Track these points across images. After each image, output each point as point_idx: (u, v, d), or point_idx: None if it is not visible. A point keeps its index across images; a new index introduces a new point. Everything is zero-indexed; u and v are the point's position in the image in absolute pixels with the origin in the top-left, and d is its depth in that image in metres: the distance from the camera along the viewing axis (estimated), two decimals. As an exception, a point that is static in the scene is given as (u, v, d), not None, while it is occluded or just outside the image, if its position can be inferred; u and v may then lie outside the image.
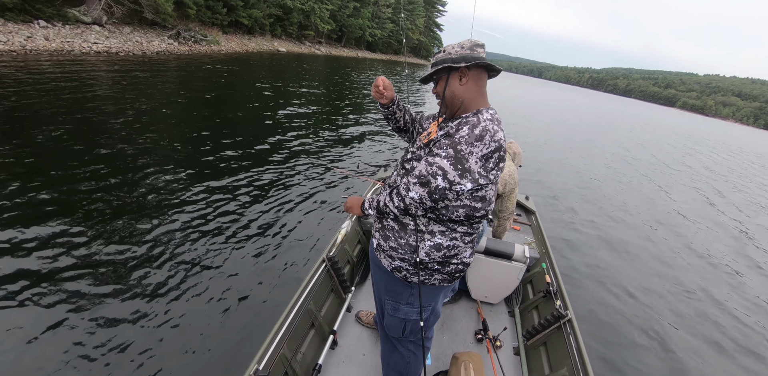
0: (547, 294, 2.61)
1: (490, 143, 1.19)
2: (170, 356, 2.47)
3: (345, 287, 2.55)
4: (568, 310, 2.31)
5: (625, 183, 10.21)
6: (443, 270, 1.42)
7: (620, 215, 7.36)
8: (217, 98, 10.08)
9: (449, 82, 1.34)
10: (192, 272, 3.25)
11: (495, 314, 2.79)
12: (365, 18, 43.91)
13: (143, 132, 6.35)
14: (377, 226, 1.52)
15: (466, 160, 1.18)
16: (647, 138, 23.34)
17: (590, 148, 14.85)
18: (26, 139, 5.25)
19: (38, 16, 13.37)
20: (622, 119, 37.37)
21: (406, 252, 1.39)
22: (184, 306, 2.88)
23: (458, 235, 1.37)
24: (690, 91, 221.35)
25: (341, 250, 2.69)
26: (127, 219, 3.82)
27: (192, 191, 4.64)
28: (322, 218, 4.62)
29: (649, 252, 5.92)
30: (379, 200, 1.40)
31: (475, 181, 1.21)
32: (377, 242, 1.51)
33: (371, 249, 1.63)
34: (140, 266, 3.22)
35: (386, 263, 1.48)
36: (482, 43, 1.33)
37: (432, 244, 1.36)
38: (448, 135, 1.24)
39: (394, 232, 1.41)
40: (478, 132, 1.18)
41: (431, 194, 1.21)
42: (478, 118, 1.24)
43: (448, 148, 1.19)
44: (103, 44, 14.37)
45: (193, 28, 21.11)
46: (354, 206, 1.55)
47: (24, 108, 6.45)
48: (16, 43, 11.47)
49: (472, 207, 1.30)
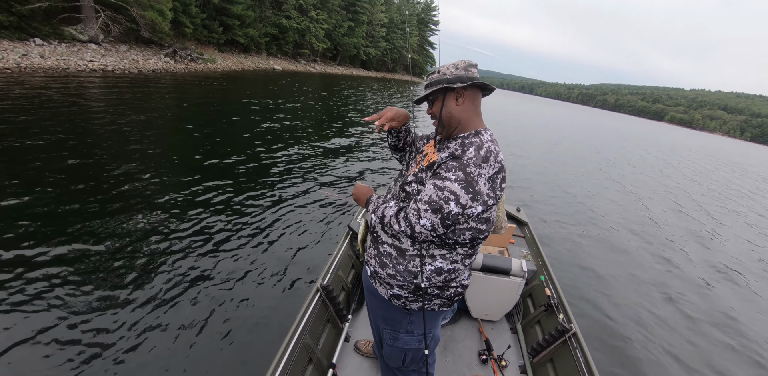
0: (548, 308, 2.55)
1: (495, 164, 1.18)
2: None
3: (341, 316, 2.45)
4: (572, 323, 2.24)
5: (617, 192, 10.14)
6: (443, 294, 1.39)
7: (612, 223, 7.24)
8: (210, 116, 10.02)
9: (446, 102, 1.32)
10: (175, 309, 2.95)
11: (497, 332, 2.73)
12: (360, 37, 44.76)
13: (134, 150, 6.22)
14: (372, 252, 1.45)
15: (476, 182, 1.15)
16: (645, 151, 23.55)
17: (583, 159, 14.87)
18: (17, 156, 5.10)
19: (34, 34, 13.38)
20: (618, 134, 37.86)
21: (405, 279, 1.34)
22: (169, 345, 2.61)
23: (459, 257, 1.34)
24: (677, 105, 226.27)
25: (335, 277, 2.58)
26: (108, 253, 3.48)
27: (179, 213, 4.40)
28: (314, 241, 4.36)
29: (646, 257, 5.90)
30: (385, 214, 1.31)
31: (485, 203, 1.18)
32: (373, 270, 1.45)
33: (365, 277, 1.56)
34: (122, 300, 2.95)
35: (383, 292, 1.43)
36: (475, 63, 1.33)
37: (433, 268, 1.32)
38: (455, 157, 1.21)
39: (391, 258, 1.36)
40: (484, 153, 1.17)
41: (444, 220, 1.16)
42: (480, 139, 1.23)
43: (457, 171, 1.16)
44: (99, 62, 14.34)
45: (189, 47, 21.27)
46: (360, 200, 1.48)
47: (16, 124, 6.31)
48: (10, 60, 11.39)
49: (477, 229, 1.27)
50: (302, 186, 5.87)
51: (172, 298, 3.05)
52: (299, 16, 33.30)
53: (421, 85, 24.39)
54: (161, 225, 4.06)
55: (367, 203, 1.43)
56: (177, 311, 2.92)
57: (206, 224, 4.24)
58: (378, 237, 1.43)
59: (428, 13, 66.08)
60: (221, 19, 24.66)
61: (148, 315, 2.82)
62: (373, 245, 1.46)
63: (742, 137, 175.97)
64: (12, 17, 12.54)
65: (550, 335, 2.27)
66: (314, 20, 35.11)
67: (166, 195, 4.75)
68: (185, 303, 3.01)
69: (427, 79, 1.39)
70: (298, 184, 5.94)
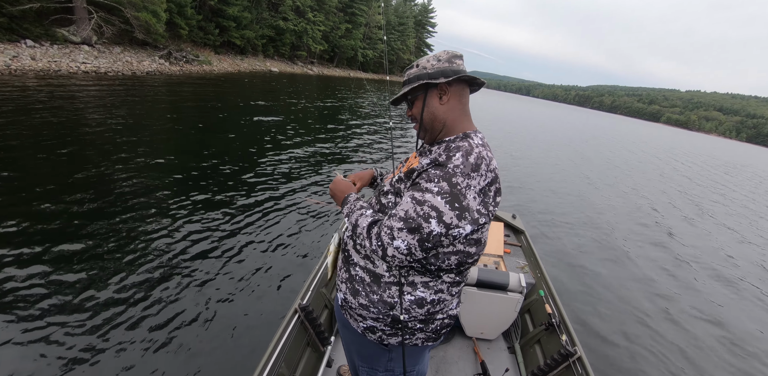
0: (549, 326, 2.37)
1: (487, 174, 0.96)
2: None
3: (323, 339, 2.20)
4: (576, 346, 2.08)
5: (622, 194, 9.97)
6: (426, 328, 1.16)
7: (617, 232, 7.05)
8: (203, 118, 9.81)
9: (427, 101, 1.11)
10: (127, 330, 2.63)
11: (494, 352, 2.53)
12: (357, 39, 44.64)
13: (123, 154, 6.00)
14: (343, 275, 1.22)
15: (463, 196, 0.93)
16: (648, 155, 23.47)
17: (586, 161, 14.73)
18: (7, 159, 4.93)
19: (25, 35, 13.13)
20: (619, 135, 37.84)
21: (380, 310, 1.12)
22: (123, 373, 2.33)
23: (444, 286, 1.12)
24: (673, 106, 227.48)
25: (316, 294, 2.36)
26: (80, 261, 3.33)
27: (157, 219, 4.14)
28: (297, 252, 4.04)
29: (656, 270, 5.62)
30: (359, 223, 1.08)
31: (475, 221, 0.96)
32: (343, 297, 1.23)
33: (336, 306, 1.35)
34: (85, 314, 2.73)
35: (355, 324, 1.22)
36: (460, 53, 1.13)
37: (413, 299, 1.10)
38: (438, 164, 0.98)
39: (364, 285, 1.14)
40: (474, 160, 0.95)
41: (423, 242, 0.94)
42: (469, 143, 1.01)
43: (441, 182, 0.93)
44: (91, 64, 14.09)
45: (185, 49, 21.05)
46: (336, 197, 1.28)
47: (4, 128, 6.07)
48: (0, 62, 11.13)
49: (465, 253, 1.05)
50: (286, 193, 5.52)
51: (122, 315, 2.75)
52: (296, 18, 33.14)
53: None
54: (139, 230, 3.83)
55: (343, 203, 1.21)
56: (130, 333, 2.60)
57: (179, 233, 3.95)
58: (350, 257, 1.20)
59: (425, 15, 66.16)
60: (217, 21, 24.48)
61: (100, 333, 2.57)
62: (344, 266, 1.23)
63: (738, 138, 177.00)
64: (2, 18, 12.29)
65: (552, 358, 2.09)
66: (311, 22, 34.96)
67: (150, 199, 4.52)
68: (142, 325, 2.69)
69: (405, 75, 1.18)
70: (282, 190, 5.58)
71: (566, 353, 2.05)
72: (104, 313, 2.73)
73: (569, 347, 2.07)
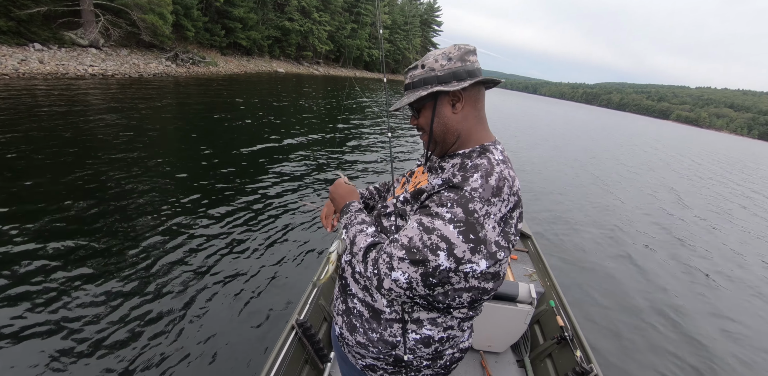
0: (561, 340, 2.23)
1: (509, 198, 0.82)
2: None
3: (322, 357, 2.07)
4: (592, 363, 1.95)
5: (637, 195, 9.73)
6: (434, 365, 1.02)
7: (635, 235, 6.83)
8: (208, 119, 9.74)
9: (438, 110, 0.93)
10: (117, 347, 2.50)
11: (502, 366, 2.41)
12: (363, 39, 44.52)
13: (128, 155, 5.94)
14: (340, 307, 1.09)
15: (481, 226, 0.78)
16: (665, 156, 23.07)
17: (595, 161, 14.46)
18: (17, 162, 4.93)
19: (33, 39, 13.18)
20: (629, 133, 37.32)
21: (380, 350, 0.98)
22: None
23: (455, 322, 0.97)
24: (683, 103, 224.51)
25: (315, 307, 2.21)
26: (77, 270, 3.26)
27: (156, 224, 4.05)
28: (294, 260, 3.90)
29: (682, 278, 5.39)
30: (356, 240, 0.94)
31: (491, 256, 0.80)
32: (339, 331, 1.09)
33: (333, 335, 1.20)
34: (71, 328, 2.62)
35: (354, 361, 1.09)
36: (473, 47, 0.94)
37: (418, 337, 0.95)
38: (452, 186, 0.82)
39: (362, 320, 1.00)
40: (494, 182, 0.80)
41: (427, 277, 0.79)
42: (489, 159, 0.85)
43: (455, 207, 0.78)
44: (99, 67, 14.12)
45: (191, 50, 21.07)
46: (336, 202, 1.14)
47: (14, 131, 6.05)
48: (9, 66, 11.17)
49: (480, 289, 0.89)
50: (282, 199, 5.29)
51: (110, 330, 2.61)
52: (302, 18, 33.09)
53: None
54: (135, 237, 3.73)
55: (342, 212, 1.07)
56: (119, 350, 2.48)
57: (172, 241, 3.80)
58: (347, 286, 1.05)
59: (431, 14, 65.86)
60: (223, 22, 24.49)
61: (91, 351, 2.44)
62: (341, 296, 1.08)
63: (750, 135, 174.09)
64: (11, 22, 12.35)
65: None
66: (317, 22, 34.89)
67: (149, 205, 4.44)
68: (129, 344, 2.54)
69: (408, 78, 0.99)
70: (279, 197, 5.34)
71: (582, 371, 1.92)
72: (95, 327, 2.61)
73: (585, 365, 1.95)
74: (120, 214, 4.11)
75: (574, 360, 2.05)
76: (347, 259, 1.08)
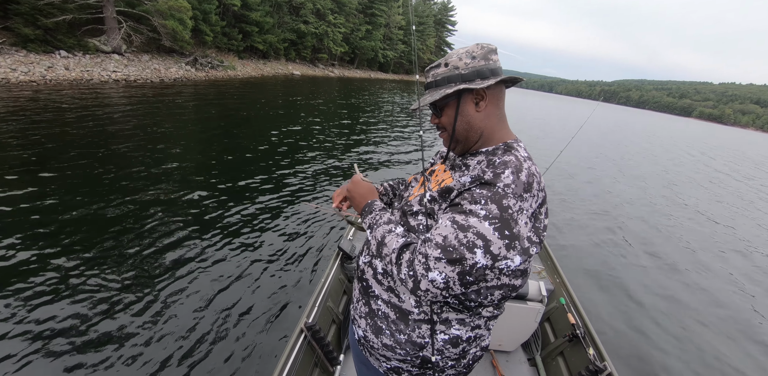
0: (573, 338, 2.21)
1: (538, 193, 0.84)
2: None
3: (331, 359, 2.08)
4: (605, 361, 1.92)
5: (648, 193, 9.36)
6: (458, 365, 1.03)
7: (648, 232, 6.54)
8: (229, 123, 9.80)
9: (461, 109, 0.95)
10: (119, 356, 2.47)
11: (513, 365, 2.40)
12: (377, 40, 44.51)
13: (151, 158, 6.01)
14: (362, 309, 1.06)
15: (515, 222, 0.78)
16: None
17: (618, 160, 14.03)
18: (44, 164, 5.15)
19: (59, 46, 13.50)
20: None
21: (408, 352, 0.97)
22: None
23: (482, 321, 0.98)
24: (706, 100, 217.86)
25: (323, 309, 2.23)
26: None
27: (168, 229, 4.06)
28: (300, 263, 3.86)
29: (696, 275, 5.17)
30: (386, 242, 0.91)
31: (525, 252, 0.81)
32: (362, 334, 1.06)
33: (352, 338, 1.17)
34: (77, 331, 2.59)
35: (377, 364, 1.07)
36: (494, 47, 0.96)
37: (447, 338, 0.95)
38: (483, 183, 0.82)
39: (388, 322, 0.99)
40: (525, 178, 0.81)
41: (464, 276, 0.78)
42: (516, 156, 0.86)
43: (489, 204, 0.78)
44: (121, 72, 14.40)
45: (209, 55, 21.36)
46: (356, 202, 1.11)
47: (43, 135, 6.23)
48: (36, 73, 11.47)
49: (510, 286, 0.92)
50: (290, 201, 5.30)
51: (117, 332, 2.63)
52: (317, 21, 33.25)
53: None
54: (143, 236, 3.80)
55: (364, 212, 1.05)
56: (124, 351, 2.48)
57: (180, 243, 3.82)
58: (369, 288, 1.03)
59: (445, 14, 65.48)
60: (240, 26, 24.76)
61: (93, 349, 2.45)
62: (363, 298, 1.06)
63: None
64: (38, 30, 12.68)
65: (579, 375, 1.96)
66: (332, 24, 35.02)
67: (162, 204, 4.53)
68: (137, 346, 2.54)
69: (430, 76, 0.99)
70: (287, 199, 5.37)
71: (595, 369, 1.90)
72: (101, 325, 2.64)
73: (598, 363, 1.92)
74: (133, 211, 4.26)
75: (586, 358, 2.02)
76: (366, 260, 1.05)
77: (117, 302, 2.89)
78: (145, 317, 2.79)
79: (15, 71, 11.03)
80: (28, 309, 2.67)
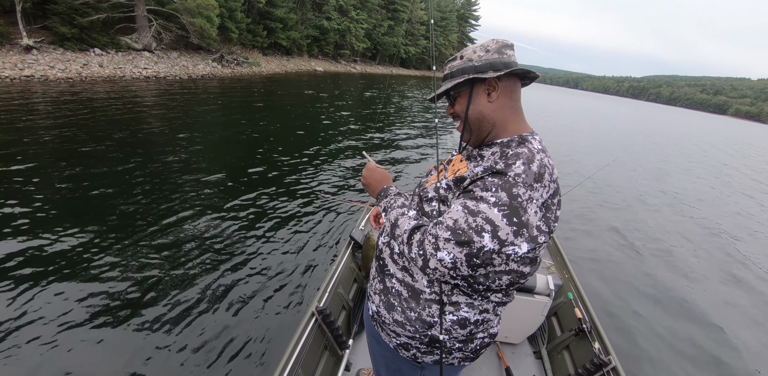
0: (579, 332, 2.25)
1: (550, 184, 0.86)
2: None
3: (341, 343, 2.15)
4: (610, 355, 1.96)
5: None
6: (465, 348, 1.07)
7: (662, 228, 6.30)
8: (253, 118, 9.95)
9: (473, 99, 1.00)
10: (135, 334, 2.60)
11: (518, 357, 2.44)
12: (399, 35, 44.29)
13: (179, 151, 6.20)
14: (377, 286, 1.14)
15: (524, 210, 0.81)
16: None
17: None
18: (78, 156, 5.44)
19: (94, 44, 14.01)
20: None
21: (417, 329, 1.03)
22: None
23: (490, 305, 1.03)
24: (743, 97, 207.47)
25: (334, 295, 2.30)
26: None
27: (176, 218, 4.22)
28: (312, 252, 3.97)
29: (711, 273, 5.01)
30: (399, 223, 0.96)
31: (533, 240, 0.84)
32: (376, 310, 1.14)
33: (366, 315, 1.26)
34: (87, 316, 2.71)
35: (387, 339, 1.14)
36: (511, 42, 1.00)
37: (455, 319, 1.01)
38: (496, 172, 0.86)
39: (400, 299, 1.05)
40: (536, 169, 0.84)
41: (471, 257, 0.81)
42: (529, 148, 0.89)
43: (499, 191, 0.82)
44: (152, 69, 14.83)
45: (234, 51, 21.72)
46: (371, 187, 1.15)
47: (79, 130, 6.52)
48: (73, 70, 11.94)
49: (519, 273, 0.95)
50: (308, 190, 5.47)
51: (132, 315, 2.74)
52: (339, 17, 33.33)
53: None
54: (168, 220, 4.05)
55: (380, 196, 1.10)
56: (139, 334, 2.59)
57: (198, 231, 3.98)
58: (385, 267, 1.10)
59: (468, 9, 64.50)
60: (265, 23, 25.06)
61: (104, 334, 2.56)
62: (379, 276, 1.13)
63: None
64: (74, 29, 13.19)
65: (583, 368, 1.99)
66: (354, 20, 35.03)
67: (181, 194, 4.74)
68: (154, 329, 2.65)
69: (446, 68, 1.05)
70: (306, 187, 5.56)
71: (599, 363, 1.93)
72: (118, 310, 2.76)
73: (603, 357, 1.96)
74: (156, 193, 4.56)
75: (592, 352, 2.05)
76: (385, 241, 1.10)
77: (137, 281, 3.07)
78: (167, 298, 2.95)
79: (53, 68, 11.51)
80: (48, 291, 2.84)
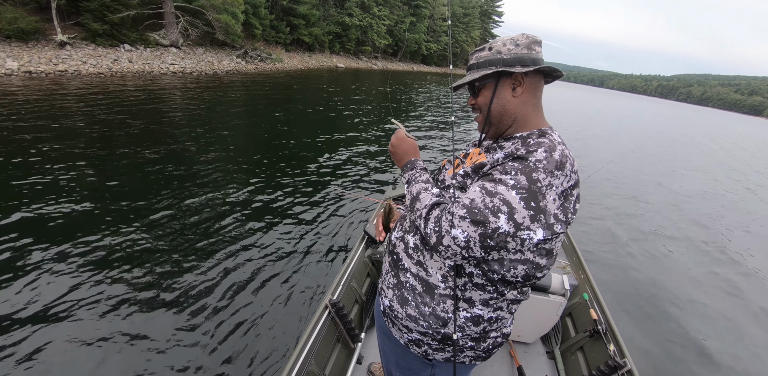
0: (594, 333, 2.18)
1: (571, 174, 0.85)
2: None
3: (353, 336, 2.17)
4: (625, 358, 1.90)
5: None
6: (478, 347, 1.06)
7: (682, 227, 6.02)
8: (276, 113, 10.04)
9: (498, 92, 0.98)
10: (151, 326, 2.65)
11: (531, 357, 2.40)
12: (421, 32, 43.93)
13: (203, 143, 6.31)
14: (391, 281, 1.10)
15: (543, 195, 0.80)
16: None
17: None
18: (108, 145, 5.70)
19: (123, 40, 14.38)
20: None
21: (430, 325, 1.01)
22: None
23: (505, 303, 1.01)
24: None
25: (347, 289, 2.30)
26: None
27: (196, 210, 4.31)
28: (326, 245, 3.99)
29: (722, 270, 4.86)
30: (421, 197, 0.96)
31: (549, 227, 0.83)
32: (388, 304, 1.10)
33: (377, 310, 1.24)
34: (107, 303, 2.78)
35: (398, 335, 1.12)
36: (540, 39, 0.98)
37: (469, 316, 1.00)
38: (517, 157, 0.86)
39: (414, 294, 1.02)
40: (558, 157, 0.83)
41: (485, 238, 0.80)
42: (550, 140, 0.88)
43: (519, 175, 0.81)
44: (179, 65, 15.15)
45: (258, 48, 21.98)
46: (398, 156, 1.15)
47: (109, 122, 6.72)
48: (104, 66, 12.30)
49: (534, 264, 0.92)
50: (324, 185, 5.51)
51: (146, 306, 2.80)
52: (361, 14, 33.29)
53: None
54: (188, 211, 4.14)
55: (405, 168, 1.10)
56: (155, 325, 2.64)
57: (218, 223, 4.06)
58: (399, 261, 1.07)
59: (491, 5, 63.43)
60: (288, 20, 25.24)
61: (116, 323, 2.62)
62: (393, 270, 1.10)
63: None
64: (105, 26, 13.56)
65: (598, 369, 1.94)
66: (376, 17, 34.92)
67: (199, 187, 4.83)
68: (169, 320, 2.70)
69: (473, 59, 1.03)
70: (322, 183, 5.61)
71: (614, 365, 1.88)
72: (131, 300, 2.82)
73: (618, 359, 1.90)
74: (177, 185, 4.70)
75: (606, 354, 2.00)
76: (398, 235, 1.10)
77: (158, 275, 3.13)
78: (184, 288, 3.03)
79: (85, 64, 11.89)
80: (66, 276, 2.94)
